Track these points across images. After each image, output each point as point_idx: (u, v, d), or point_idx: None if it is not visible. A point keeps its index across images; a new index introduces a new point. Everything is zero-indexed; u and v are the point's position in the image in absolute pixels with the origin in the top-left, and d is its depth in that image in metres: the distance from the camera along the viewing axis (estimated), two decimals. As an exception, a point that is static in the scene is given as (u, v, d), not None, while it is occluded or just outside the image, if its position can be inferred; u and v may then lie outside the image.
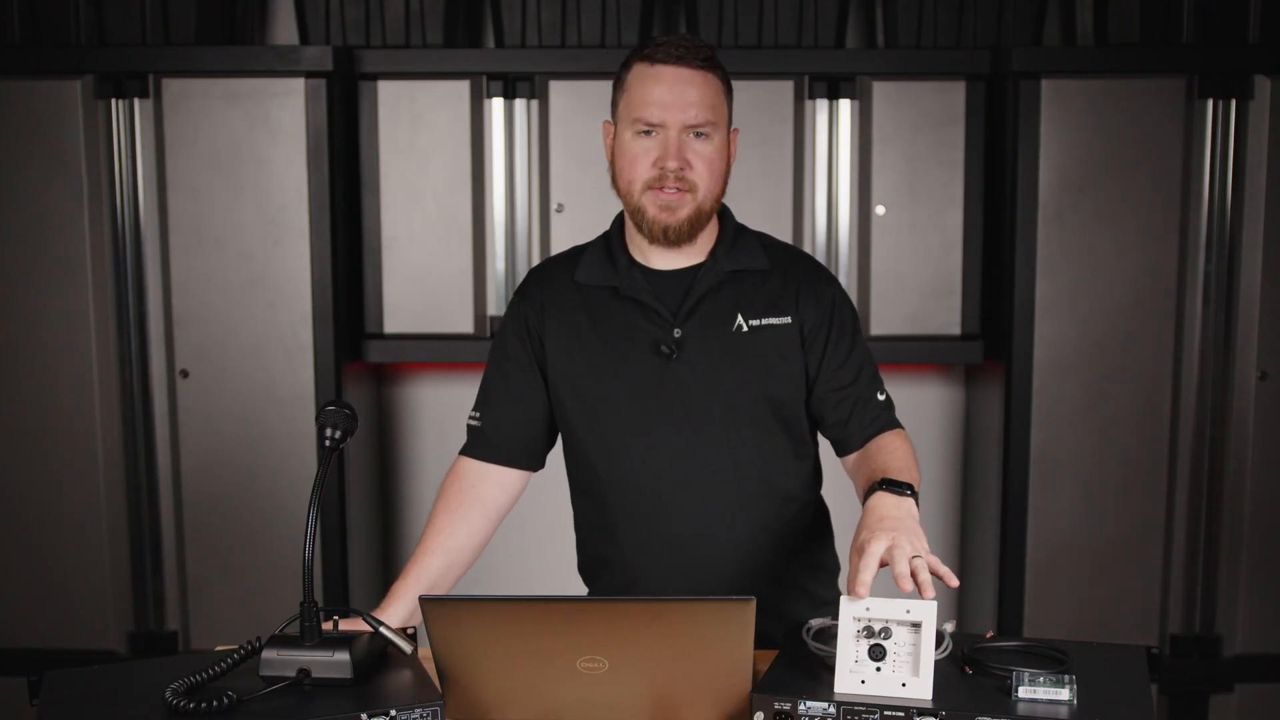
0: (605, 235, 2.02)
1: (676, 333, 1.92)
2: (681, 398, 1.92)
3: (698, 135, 1.87)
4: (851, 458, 1.98)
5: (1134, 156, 3.03)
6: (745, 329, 1.93)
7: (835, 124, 3.12)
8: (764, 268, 1.97)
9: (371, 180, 3.16)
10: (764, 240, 2.02)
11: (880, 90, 3.10)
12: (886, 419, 1.98)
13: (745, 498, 1.95)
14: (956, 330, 3.17)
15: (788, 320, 1.95)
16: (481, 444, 2.02)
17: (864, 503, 1.77)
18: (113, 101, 3.04)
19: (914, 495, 1.76)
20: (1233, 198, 3.05)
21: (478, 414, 2.03)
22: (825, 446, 2.06)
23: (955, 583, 1.59)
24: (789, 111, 3.11)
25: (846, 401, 1.96)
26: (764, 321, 1.94)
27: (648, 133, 1.87)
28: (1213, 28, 3.12)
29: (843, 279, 3.15)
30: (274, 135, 3.03)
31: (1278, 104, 3.01)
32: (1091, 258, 3.05)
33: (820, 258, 3.15)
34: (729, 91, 1.93)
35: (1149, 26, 3.15)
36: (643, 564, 1.97)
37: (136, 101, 3.04)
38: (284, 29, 3.47)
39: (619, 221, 2.00)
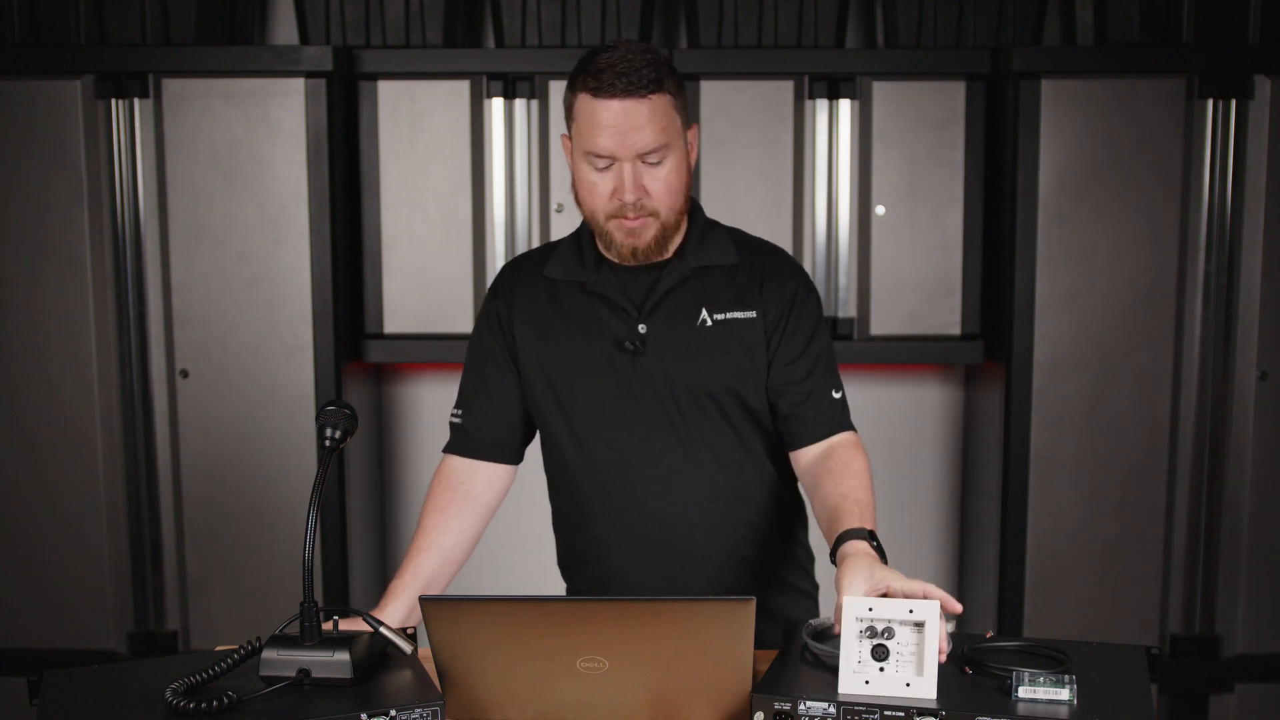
0: (576, 232, 2.03)
1: (641, 328, 1.93)
2: (648, 392, 1.94)
3: (652, 161, 1.85)
4: (804, 457, 1.97)
5: (1134, 156, 3.03)
6: (709, 323, 1.94)
7: (835, 124, 3.12)
8: (732, 263, 1.97)
9: (371, 180, 3.16)
10: (735, 236, 2.02)
11: (880, 90, 3.10)
12: (840, 420, 1.97)
13: (717, 490, 1.96)
14: (956, 330, 3.17)
15: (752, 314, 1.95)
16: (465, 441, 2.03)
17: (840, 543, 1.75)
18: (113, 101, 3.04)
19: (876, 544, 1.76)
20: (1233, 198, 3.05)
21: (459, 411, 2.04)
22: None
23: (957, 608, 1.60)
24: (789, 111, 3.11)
25: (799, 396, 1.95)
26: (728, 316, 1.95)
27: (602, 164, 1.85)
28: (1213, 28, 3.13)
29: (843, 279, 3.15)
30: (274, 135, 3.03)
31: (1278, 104, 3.01)
32: (1091, 258, 3.05)
33: (820, 258, 3.15)
34: (681, 97, 1.89)
35: (1149, 26, 3.15)
36: (618, 557, 1.99)
37: (136, 101, 3.04)
38: (284, 29, 3.47)
39: None
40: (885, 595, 1.61)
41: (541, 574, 2.36)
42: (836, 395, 1.98)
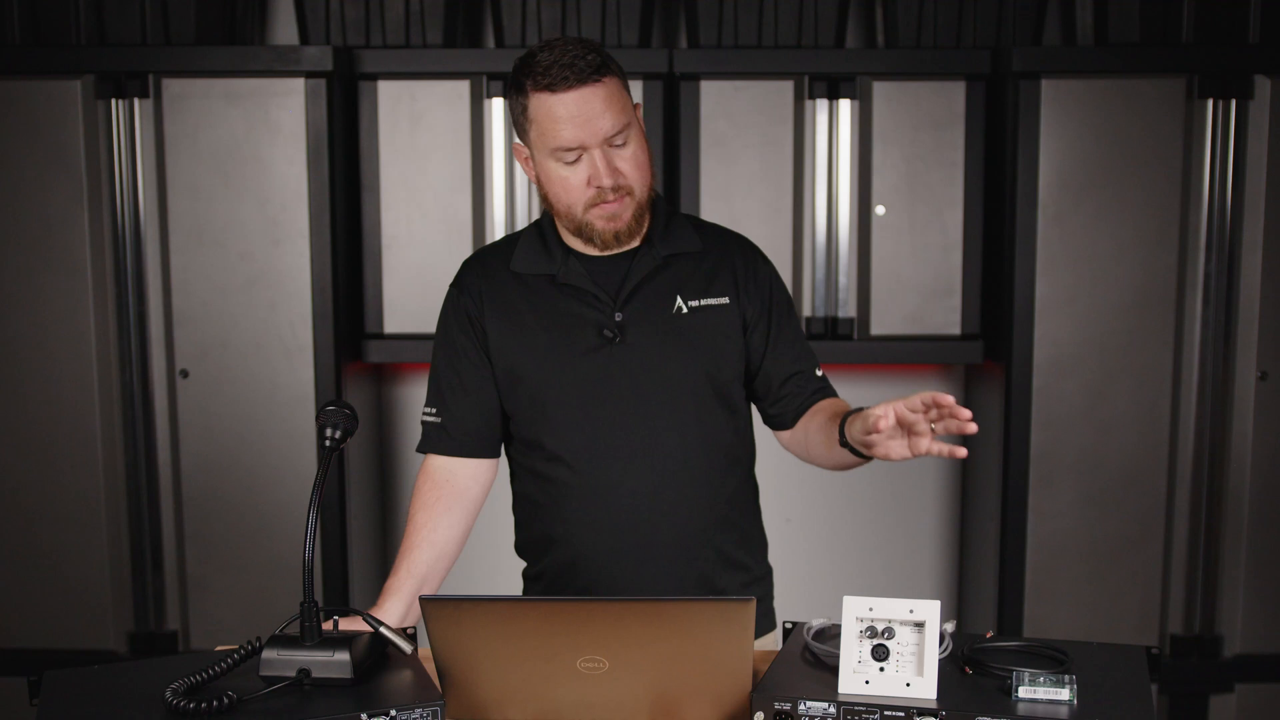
0: (537, 224, 2.04)
1: (618, 317, 1.96)
2: (626, 380, 1.95)
3: (618, 143, 1.88)
4: (787, 432, 2.05)
5: (1134, 156, 3.03)
6: (685, 310, 1.97)
7: (835, 124, 3.12)
8: (697, 249, 2.01)
9: (371, 180, 3.16)
10: (695, 222, 2.07)
11: (880, 90, 3.10)
12: (830, 393, 2.05)
13: (690, 475, 1.99)
14: (956, 330, 3.18)
15: (725, 301, 2.00)
16: (445, 440, 2.04)
17: (846, 421, 1.83)
18: (113, 101, 3.04)
19: None
20: (1233, 198, 3.05)
21: (433, 410, 2.05)
22: (757, 425, 2.11)
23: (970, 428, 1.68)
24: (789, 111, 3.11)
25: (792, 379, 2.02)
26: (703, 302, 1.99)
27: (571, 157, 1.88)
28: (1213, 28, 3.13)
29: (843, 279, 3.16)
30: (274, 135, 3.03)
31: (1278, 104, 3.01)
32: (1091, 258, 3.05)
33: (820, 258, 3.15)
34: (624, 78, 1.93)
35: (1149, 26, 3.15)
36: (589, 541, 2.00)
37: (136, 101, 3.04)
38: (284, 29, 3.47)
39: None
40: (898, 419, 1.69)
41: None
42: (819, 374, 2.06)
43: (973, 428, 1.66)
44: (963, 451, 1.67)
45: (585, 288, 1.96)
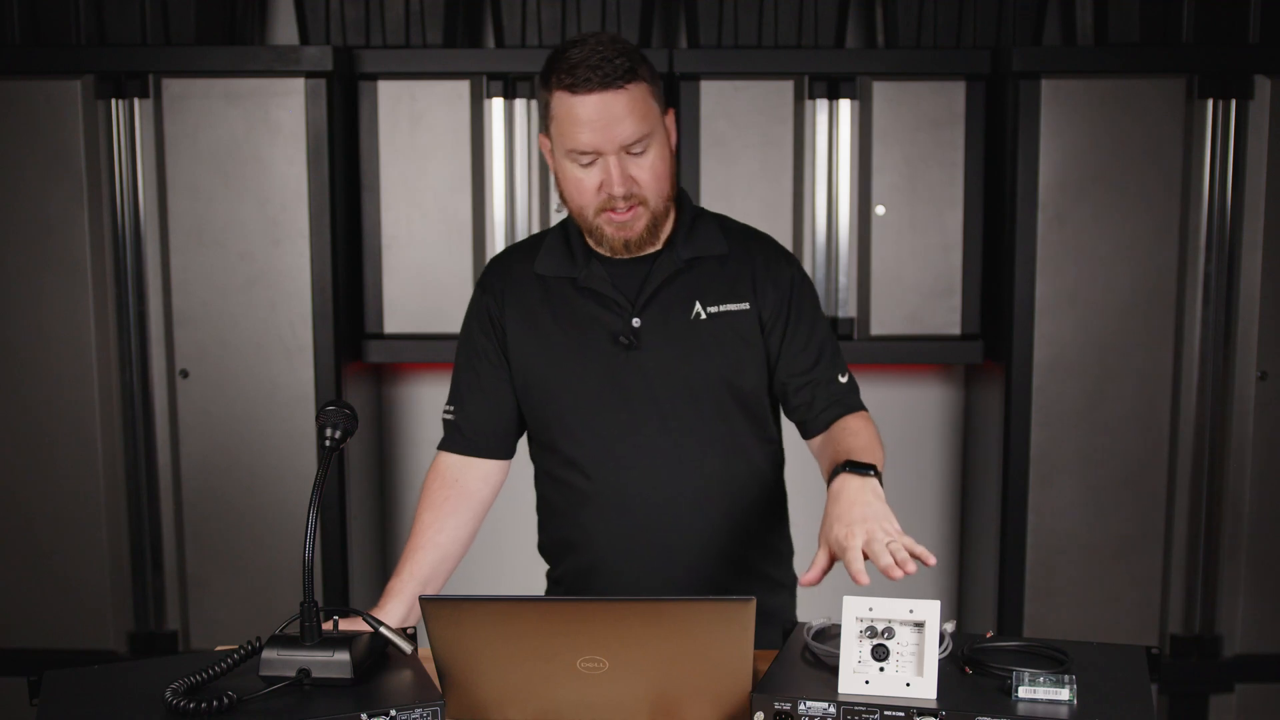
0: (563, 225, 2.02)
1: (635, 322, 1.94)
2: (643, 387, 1.94)
3: (636, 151, 1.84)
4: (817, 440, 2.00)
5: (1134, 156, 3.03)
6: (704, 316, 1.95)
7: (835, 124, 3.12)
8: (722, 253, 1.97)
9: (371, 180, 3.16)
10: (723, 223, 2.02)
11: (880, 90, 3.10)
12: (850, 401, 2.00)
13: (709, 483, 1.97)
14: (956, 330, 3.17)
15: (746, 306, 1.96)
16: (459, 438, 2.03)
17: (829, 485, 1.79)
18: (113, 101, 3.04)
19: (877, 475, 1.79)
20: (1233, 198, 3.05)
21: (452, 408, 2.04)
22: (789, 430, 2.08)
23: (933, 560, 1.61)
24: (789, 111, 3.11)
25: (808, 385, 1.97)
26: (722, 308, 1.95)
27: (586, 160, 1.85)
28: (1213, 28, 3.13)
29: (843, 279, 3.15)
30: (274, 135, 3.03)
31: (1278, 104, 3.01)
32: (1091, 258, 3.05)
33: (820, 258, 3.15)
34: (656, 83, 1.88)
35: (1149, 26, 3.15)
36: (607, 547, 1.99)
37: (136, 101, 3.04)
38: (284, 29, 3.47)
39: None
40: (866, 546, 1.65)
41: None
42: (843, 379, 2.00)
43: (897, 574, 1.60)
44: (927, 562, 1.63)
45: (604, 292, 1.94)
